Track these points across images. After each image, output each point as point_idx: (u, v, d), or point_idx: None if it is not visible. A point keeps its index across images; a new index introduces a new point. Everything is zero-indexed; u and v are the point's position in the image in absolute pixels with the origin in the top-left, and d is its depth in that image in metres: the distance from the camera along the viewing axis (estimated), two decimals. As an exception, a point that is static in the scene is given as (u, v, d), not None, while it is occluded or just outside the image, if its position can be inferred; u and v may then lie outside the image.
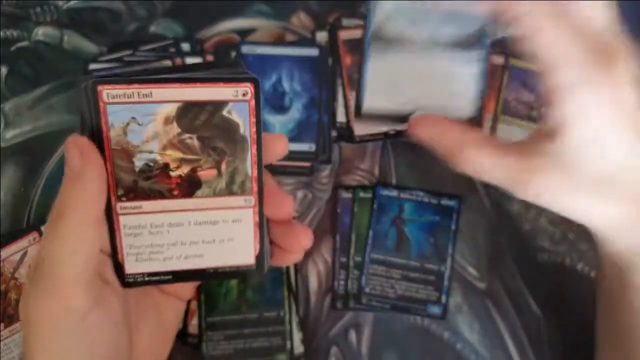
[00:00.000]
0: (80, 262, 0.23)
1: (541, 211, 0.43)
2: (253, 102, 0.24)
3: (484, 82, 0.33)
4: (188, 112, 0.23)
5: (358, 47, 0.40)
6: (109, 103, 0.22)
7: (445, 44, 0.31)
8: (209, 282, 0.36)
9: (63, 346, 0.24)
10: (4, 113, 0.45)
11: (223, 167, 0.24)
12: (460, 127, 0.31)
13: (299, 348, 0.39)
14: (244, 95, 0.23)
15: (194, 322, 0.39)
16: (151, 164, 0.24)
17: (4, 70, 0.46)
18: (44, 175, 0.43)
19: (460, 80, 0.33)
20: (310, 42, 0.46)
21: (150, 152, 0.23)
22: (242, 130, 0.24)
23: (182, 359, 0.39)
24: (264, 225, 0.26)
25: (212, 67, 0.26)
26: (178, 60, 0.43)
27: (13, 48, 0.46)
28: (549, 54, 0.28)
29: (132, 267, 0.25)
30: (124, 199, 0.24)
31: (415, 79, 0.32)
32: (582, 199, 0.29)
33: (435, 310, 0.40)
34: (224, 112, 0.24)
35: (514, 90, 0.45)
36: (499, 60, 0.45)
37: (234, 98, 0.23)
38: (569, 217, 0.31)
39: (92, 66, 0.44)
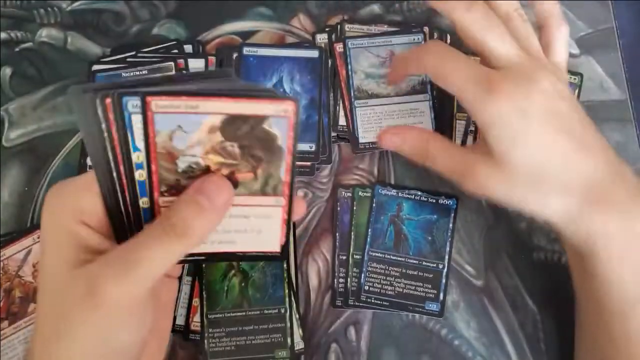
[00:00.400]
0: (168, 269, 0.26)
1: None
2: (293, 118, 0.26)
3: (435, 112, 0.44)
4: (232, 124, 0.26)
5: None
6: (157, 112, 0.24)
7: (404, 93, 0.44)
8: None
9: (119, 326, 0.26)
10: (9, 113, 0.45)
11: (259, 171, 0.27)
12: (418, 128, 0.38)
13: (299, 344, 0.39)
14: (284, 112, 0.26)
15: (196, 319, 0.39)
16: (194, 166, 0.26)
17: (9, 71, 0.46)
18: (47, 175, 0.44)
19: (419, 113, 0.44)
20: (311, 44, 0.46)
21: (193, 155, 0.26)
22: (279, 141, 0.27)
23: (184, 355, 0.39)
24: (290, 222, 0.29)
25: (208, 77, 0.28)
26: (181, 63, 0.44)
27: (17, 49, 0.47)
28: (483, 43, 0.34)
29: None
30: (166, 194, 0.26)
31: (390, 117, 0.44)
32: (520, 192, 0.33)
33: (433, 307, 0.41)
34: (265, 125, 0.26)
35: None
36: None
37: (276, 114, 0.26)
38: (520, 210, 0.33)
39: (95, 67, 0.44)
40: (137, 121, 0.25)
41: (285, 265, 0.40)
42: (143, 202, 0.27)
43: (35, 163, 0.44)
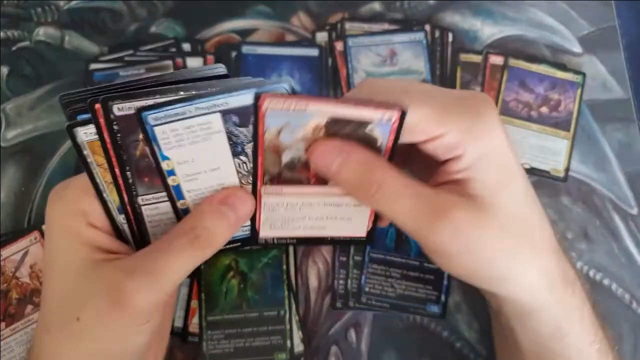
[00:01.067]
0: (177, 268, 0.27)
1: (540, 211, 0.43)
2: (396, 125, 0.26)
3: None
4: (336, 124, 0.27)
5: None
6: (269, 110, 0.26)
7: None
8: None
9: (148, 330, 0.27)
10: (5, 113, 0.45)
11: None
12: (367, 152, 0.27)
13: (299, 347, 0.39)
14: (388, 120, 0.26)
15: (194, 321, 0.39)
16: (295, 160, 0.28)
17: (5, 70, 0.46)
18: (45, 175, 0.43)
19: None
20: (311, 43, 0.46)
21: (297, 150, 0.27)
22: (378, 144, 0.27)
23: (182, 357, 0.39)
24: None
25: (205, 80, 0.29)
26: (179, 61, 0.44)
27: (14, 48, 0.46)
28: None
29: (264, 232, 0.31)
30: (268, 184, 0.29)
31: None
32: (510, 243, 0.27)
33: (435, 309, 0.40)
34: (367, 130, 0.27)
35: (512, 90, 0.45)
36: (498, 60, 0.45)
37: (379, 120, 0.26)
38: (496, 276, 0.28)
39: (93, 66, 0.44)
40: (160, 132, 0.26)
41: (284, 267, 0.40)
42: (180, 204, 0.28)
43: (32, 163, 0.43)
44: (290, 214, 0.30)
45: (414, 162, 0.32)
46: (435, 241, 0.26)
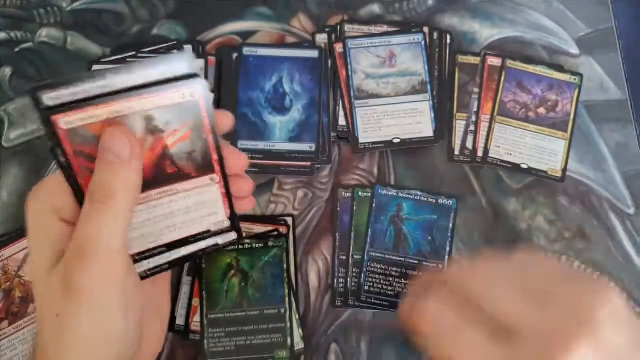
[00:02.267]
0: (122, 236, 0.26)
1: (537, 210, 0.43)
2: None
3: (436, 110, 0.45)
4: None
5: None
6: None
7: (404, 92, 0.44)
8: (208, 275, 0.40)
9: (106, 309, 0.26)
10: (8, 113, 0.45)
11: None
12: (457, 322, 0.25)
13: (299, 345, 0.39)
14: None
15: (195, 319, 0.39)
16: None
17: (8, 71, 0.46)
18: (47, 175, 0.44)
19: (419, 113, 0.44)
20: (311, 44, 0.46)
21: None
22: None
23: (184, 355, 0.39)
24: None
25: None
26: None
27: (17, 49, 0.47)
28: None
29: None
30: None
31: (390, 117, 0.44)
32: None
33: (434, 307, 0.41)
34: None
35: (510, 91, 0.45)
36: (496, 62, 0.46)
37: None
38: None
39: (95, 67, 0.44)
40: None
41: (285, 265, 0.40)
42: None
43: (34, 163, 0.44)
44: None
45: None
46: None
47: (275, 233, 0.41)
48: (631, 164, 0.45)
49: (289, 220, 0.42)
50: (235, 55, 0.45)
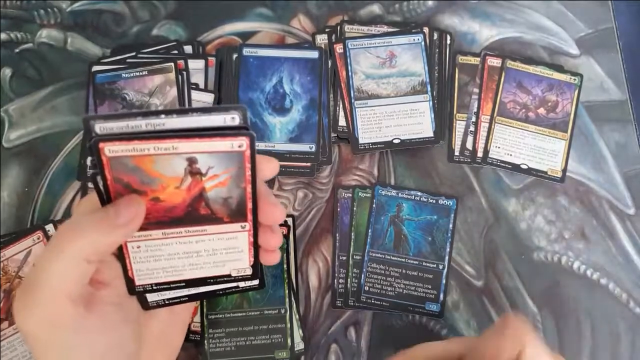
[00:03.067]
0: (74, 281, 0.25)
1: (537, 211, 0.43)
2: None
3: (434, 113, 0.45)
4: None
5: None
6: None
7: (404, 93, 0.44)
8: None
9: (60, 352, 0.25)
10: (9, 114, 0.45)
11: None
12: None
13: (299, 345, 0.39)
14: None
15: (196, 320, 0.39)
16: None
17: (9, 72, 0.46)
18: (47, 176, 0.44)
19: (419, 113, 0.44)
20: (311, 45, 0.46)
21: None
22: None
23: (184, 355, 0.39)
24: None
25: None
26: (180, 64, 0.44)
27: (17, 50, 0.47)
28: None
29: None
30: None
31: (390, 117, 0.44)
32: None
33: (434, 308, 0.41)
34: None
35: (510, 92, 0.45)
36: (496, 62, 0.46)
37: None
38: None
39: (95, 68, 0.44)
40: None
41: (285, 266, 0.40)
42: None
43: (35, 164, 0.44)
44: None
45: None
46: None
47: (276, 233, 0.41)
48: (631, 164, 0.45)
49: (289, 220, 0.42)
50: (235, 56, 0.45)
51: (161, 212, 0.27)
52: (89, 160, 0.43)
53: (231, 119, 0.26)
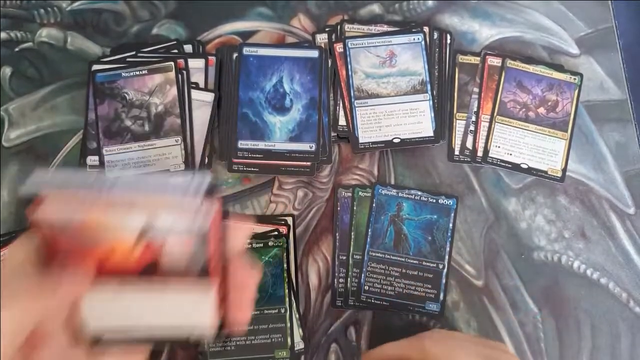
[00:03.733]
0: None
1: (537, 210, 0.43)
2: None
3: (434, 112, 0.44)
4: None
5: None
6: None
7: (404, 92, 0.44)
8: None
9: None
10: (8, 113, 0.45)
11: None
12: None
13: (299, 344, 0.39)
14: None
15: (196, 319, 0.39)
16: None
17: (8, 71, 0.46)
18: (47, 175, 0.43)
19: (419, 113, 0.44)
20: (311, 44, 0.46)
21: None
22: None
23: (184, 355, 0.39)
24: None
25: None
26: (180, 63, 0.44)
27: (17, 49, 0.47)
28: None
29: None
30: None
31: (390, 117, 0.44)
32: None
33: (433, 307, 0.41)
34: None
35: (510, 91, 0.45)
36: (496, 61, 0.46)
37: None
38: None
39: (95, 67, 0.44)
40: None
41: (285, 265, 0.40)
42: None
43: (34, 163, 0.44)
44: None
45: None
46: None
47: (276, 233, 0.41)
48: (631, 164, 0.45)
49: (289, 220, 0.42)
50: (235, 55, 0.45)
51: (113, 269, 0.25)
52: (89, 159, 0.43)
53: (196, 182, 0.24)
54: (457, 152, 0.44)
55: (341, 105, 0.44)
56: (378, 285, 0.41)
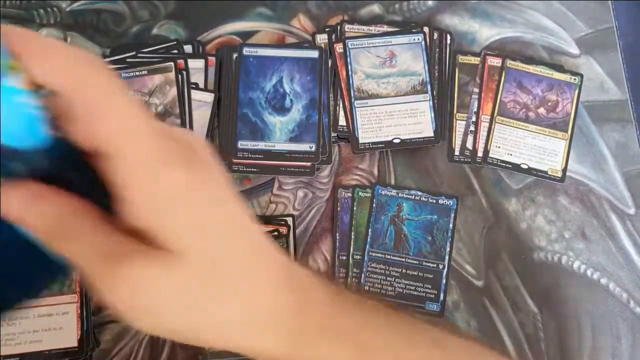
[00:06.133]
0: None
1: (538, 210, 0.43)
2: None
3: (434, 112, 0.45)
4: None
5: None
6: None
7: (404, 92, 0.44)
8: None
9: None
10: (8, 114, 0.45)
11: None
12: (66, 198, 0.20)
13: (299, 345, 0.39)
14: None
15: (195, 320, 0.39)
16: None
17: (8, 71, 0.46)
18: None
19: (419, 113, 0.44)
20: (311, 44, 0.46)
21: None
22: None
23: (184, 355, 0.39)
24: (87, 318, 0.31)
25: None
26: (180, 63, 0.44)
27: (17, 50, 0.47)
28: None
29: None
30: None
31: (390, 117, 0.44)
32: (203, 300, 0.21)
33: (434, 307, 0.41)
34: None
35: (510, 92, 0.45)
36: (496, 62, 0.46)
37: None
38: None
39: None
40: None
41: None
42: None
43: (35, 163, 0.44)
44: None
45: None
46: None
47: (275, 233, 0.41)
48: (631, 164, 0.45)
49: (289, 220, 0.42)
50: (235, 55, 0.44)
51: None
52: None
53: None
54: (457, 153, 0.44)
55: (341, 105, 0.44)
56: (378, 286, 0.41)
